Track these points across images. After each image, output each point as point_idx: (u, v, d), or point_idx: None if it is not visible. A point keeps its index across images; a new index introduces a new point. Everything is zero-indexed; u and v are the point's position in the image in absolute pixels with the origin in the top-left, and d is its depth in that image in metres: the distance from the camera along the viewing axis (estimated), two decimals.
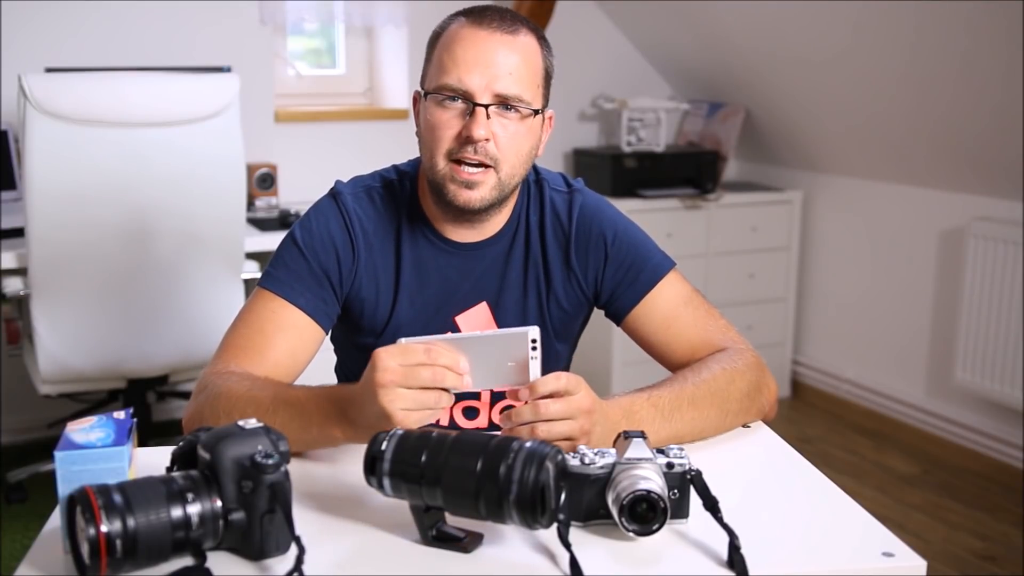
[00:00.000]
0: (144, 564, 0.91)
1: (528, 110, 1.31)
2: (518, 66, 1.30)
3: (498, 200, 1.35)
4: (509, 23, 1.31)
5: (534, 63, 1.32)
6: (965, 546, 2.74)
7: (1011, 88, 2.73)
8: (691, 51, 3.84)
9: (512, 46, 1.30)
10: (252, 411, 1.16)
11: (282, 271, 1.36)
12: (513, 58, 1.29)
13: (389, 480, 1.00)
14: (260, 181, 3.27)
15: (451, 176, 1.31)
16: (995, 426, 3.19)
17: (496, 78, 1.28)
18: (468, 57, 1.28)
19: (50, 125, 2.28)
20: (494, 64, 1.28)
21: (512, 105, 1.30)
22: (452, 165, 1.31)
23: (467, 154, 1.29)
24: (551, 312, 1.45)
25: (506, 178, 1.33)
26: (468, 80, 1.28)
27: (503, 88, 1.29)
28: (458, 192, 1.31)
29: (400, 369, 1.06)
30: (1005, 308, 3.06)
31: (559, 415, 1.11)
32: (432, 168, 1.33)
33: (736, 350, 1.37)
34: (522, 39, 1.31)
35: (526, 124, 1.32)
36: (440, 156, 1.31)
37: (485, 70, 1.28)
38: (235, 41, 3.36)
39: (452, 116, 1.30)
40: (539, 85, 1.34)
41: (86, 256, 2.42)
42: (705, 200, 3.66)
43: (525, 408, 1.11)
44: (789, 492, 1.19)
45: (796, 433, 3.53)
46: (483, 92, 1.28)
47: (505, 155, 1.31)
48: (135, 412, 1.10)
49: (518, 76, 1.29)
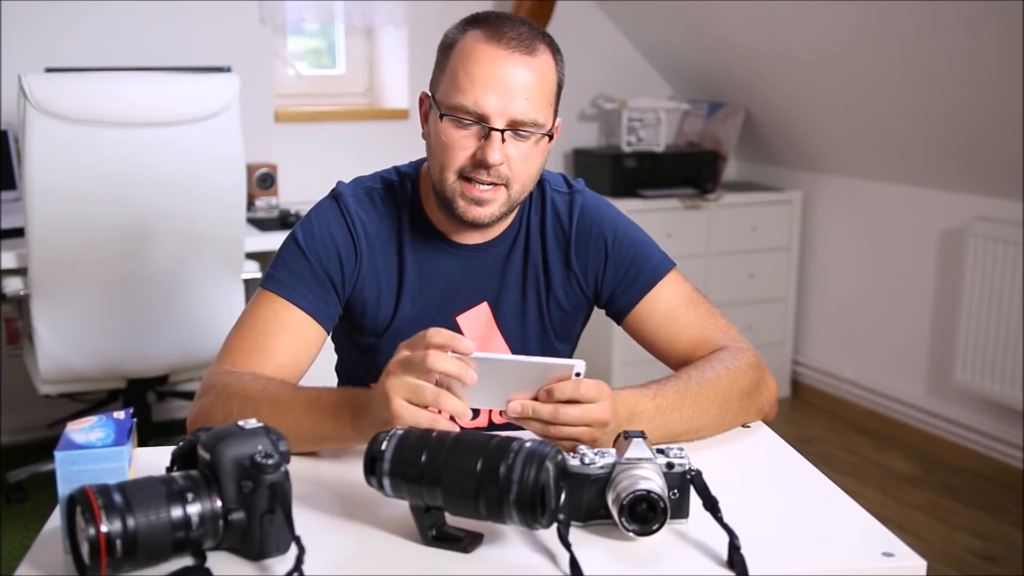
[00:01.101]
0: (144, 564, 0.91)
1: (541, 134, 1.31)
2: (534, 89, 1.28)
3: (506, 215, 1.36)
4: (527, 41, 1.29)
5: (549, 82, 1.31)
6: (965, 546, 2.74)
7: (1011, 88, 2.73)
8: (691, 51, 3.84)
9: (529, 67, 1.28)
10: (268, 407, 1.18)
11: (284, 272, 1.36)
12: (530, 80, 1.28)
13: (389, 480, 1.00)
14: (260, 181, 3.27)
15: (461, 192, 1.31)
16: (995, 426, 3.19)
17: (512, 103, 1.27)
18: (485, 78, 1.27)
19: (50, 125, 2.28)
20: (511, 89, 1.27)
21: (527, 131, 1.29)
22: (463, 182, 1.31)
23: (480, 176, 1.30)
24: (551, 312, 1.45)
25: (516, 195, 1.34)
26: (484, 104, 1.27)
27: (519, 114, 1.28)
28: (468, 208, 1.32)
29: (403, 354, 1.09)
30: (1005, 308, 3.06)
31: (575, 421, 1.10)
32: (442, 182, 1.33)
33: (737, 349, 1.37)
34: (539, 59, 1.29)
35: (539, 146, 1.33)
36: (451, 173, 1.31)
37: (502, 94, 1.27)
38: (235, 41, 3.36)
39: (466, 136, 1.29)
40: (552, 103, 1.33)
41: (86, 256, 2.42)
42: (705, 200, 3.66)
43: (545, 408, 1.10)
44: (789, 492, 1.19)
45: (796, 433, 3.53)
46: (498, 117, 1.27)
47: (517, 175, 1.31)
48: (135, 412, 1.10)
49: (534, 100, 1.28)
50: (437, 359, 1.05)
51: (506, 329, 1.44)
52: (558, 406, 1.09)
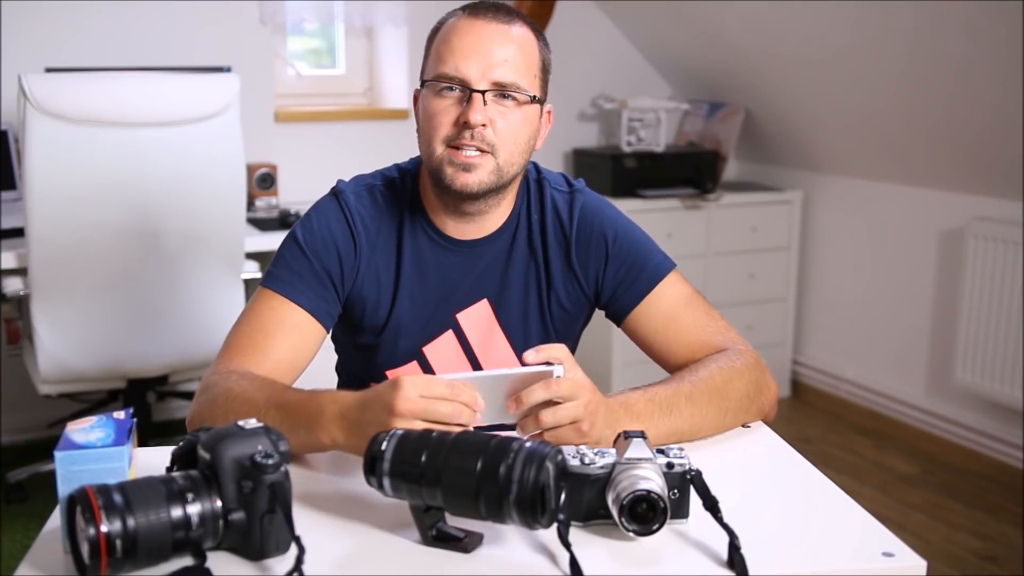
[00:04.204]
0: (144, 564, 0.91)
1: (525, 96, 1.32)
2: (514, 54, 1.31)
3: (495, 187, 1.34)
4: (505, 15, 1.33)
5: (530, 53, 1.34)
6: (965, 546, 2.74)
7: (1011, 88, 2.73)
8: (691, 51, 3.84)
9: (508, 36, 1.32)
10: (246, 411, 1.16)
11: (284, 270, 1.36)
12: (509, 47, 1.31)
13: (389, 480, 1.00)
14: (260, 181, 3.28)
15: (449, 159, 1.32)
16: (995, 426, 3.19)
17: (493, 66, 1.30)
18: (464, 46, 1.30)
19: (50, 125, 2.28)
20: (491, 52, 1.30)
21: (509, 93, 1.31)
22: (450, 149, 1.32)
23: (464, 140, 1.30)
24: (552, 311, 1.45)
25: (504, 164, 1.33)
26: (465, 68, 1.30)
27: (500, 76, 1.30)
28: (456, 175, 1.32)
29: (421, 401, 1.06)
30: (1005, 308, 3.07)
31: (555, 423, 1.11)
32: (430, 155, 1.34)
33: (736, 350, 1.37)
34: (517, 29, 1.33)
35: (523, 112, 1.33)
36: (438, 142, 1.32)
37: (482, 58, 1.30)
38: (235, 41, 3.36)
39: (450, 104, 1.31)
40: (536, 76, 1.35)
41: (86, 256, 2.42)
42: (705, 200, 3.66)
43: (536, 388, 1.10)
44: (789, 492, 1.19)
45: (796, 433, 3.53)
46: (480, 79, 1.30)
47: (503, 141, 1.32)
48: (135, 412, 1.10)
49: (514, 64, 1.31)
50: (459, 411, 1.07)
51: (508, 327, 1.44)
52: (549, 380, 1.10)
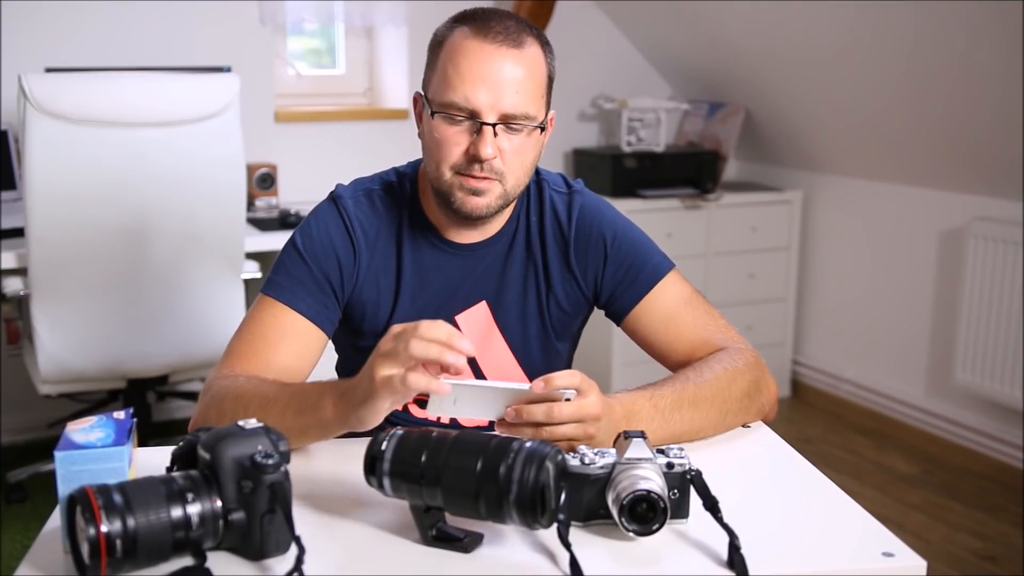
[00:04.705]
0: (144, 564, 0.91)
1: (533, 126, 1.32)
2: (524, 82, 1.29)
3: (503, 207, 1.36)
4: (514, 34, 1.29)
5: (539, 74, 1.32)
6: (965, 546, 2.74)
7: (1011, 88, 2.73)
8: (691, 51, 3.84)
9: (518, 60, 1.28)
10: (257, 404, 1.18)
11: (284, 277, 1.37)
12: (519, 73, 1.28)
13: (389, 480, 1.00)
14: (260, 181, 3.28)
15: (458, 184, 1.32)
16: (995, 426, 3.19)
17: (502, 96, 1.27)
18: (474, 73, 1.27)
19: (50, 125, 2.28)
20: (500, 82, 1.27)
21: (519, 123, 1.30)
22: (459, 176, 1.32)
23: (474, 171, 1.30)
24: (551, 312, 1.45)
25: (511, 189, 1.34)
26: (475, 99, 1.27)
27: (510, 107, 1.28)
28: (465, 200, 1.32)
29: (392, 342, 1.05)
30: (1005, 308, 3.06)
31: (569, 418, 1.10)
32: (438, 178, 1.33)
33: (736, 350, 1.38)
34: (527, 51, 1.30)
35: (532, 138, 1.33)
36: (446, 168, 1.32)
37: (492, 88, 1.27)
38: (235, 41, 3.36)
39: (458, 132, 1.30)
40: (543, 95, 1.33)
41: (86, 256, 2.42)
42: (705, 200, 3.66)
43: (537, 409, 1.09)
44: (789, 492, 1.19)
45: (796, 433, 3.53)
46: (489, 111, 1.28)
47: (511, 168, 1.32)
48: (135, 412, 1.10)
49: (524, 92, 1.29)
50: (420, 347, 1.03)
51: (506, 328, 1.44)
52: (551, 404, 1.09)
